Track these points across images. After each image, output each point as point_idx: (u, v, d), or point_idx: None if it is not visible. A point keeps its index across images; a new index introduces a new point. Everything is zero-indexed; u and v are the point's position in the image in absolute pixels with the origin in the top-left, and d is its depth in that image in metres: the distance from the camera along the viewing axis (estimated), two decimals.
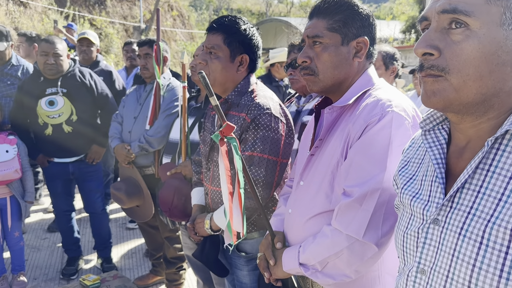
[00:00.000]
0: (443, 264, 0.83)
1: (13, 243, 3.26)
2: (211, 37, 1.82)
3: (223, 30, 1.81)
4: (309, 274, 1.32)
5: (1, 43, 3.69)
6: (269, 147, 1.75)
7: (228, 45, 1.81)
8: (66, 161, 3.33)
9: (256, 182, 1.75)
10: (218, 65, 1.81)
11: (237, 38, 1.81)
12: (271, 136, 1.75)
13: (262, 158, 1.75)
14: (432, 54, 0.81)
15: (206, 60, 1.82)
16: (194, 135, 2.58)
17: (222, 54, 1.81)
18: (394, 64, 2.90)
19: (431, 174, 0.92)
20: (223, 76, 1.83)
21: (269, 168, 1.76)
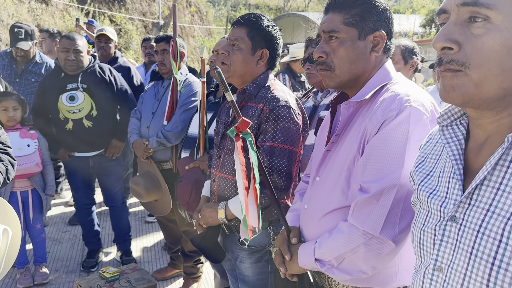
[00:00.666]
0: (461, 262, 0.82)
1: (35, 235, 3.35)
2: (236, 30, 1.90)
3: (248, 24, 1.89)
4: (325, 270, 1.32)
5: (25, 42, 3.78)
6: (290, 138, 1.80)
7: (251, 38, 1.88)
8: (87, 155, 3.39)
9: (280, 172, 1.79)
10: (239, 56, 1.87)
11: (260, 32, 1.88)
12: (291, 127, 1.81)
13: (283, 148, 1.80)
14: (452, 48, 0.79)
15: (228, 51, 1.90)
16: (213, 130, 2.60)
17: (244, 46, 1.88)
18: (413, 58, 2.85)
19: (448, 170, 0.90)
20: (243, 68, 1.89)
21: (291, 159, 1.81)
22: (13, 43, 3.80)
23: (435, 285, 0.88)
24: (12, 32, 3.81)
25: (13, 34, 3.80)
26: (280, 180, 1.80)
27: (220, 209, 1.87)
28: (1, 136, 2.13)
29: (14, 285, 3.30)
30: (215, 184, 1.99)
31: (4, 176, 2.00)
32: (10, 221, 2.06)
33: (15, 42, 3.78)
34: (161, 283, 3.33)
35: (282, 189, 1.81)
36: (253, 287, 1.94)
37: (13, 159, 2.12)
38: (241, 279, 1.98)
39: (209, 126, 2.65)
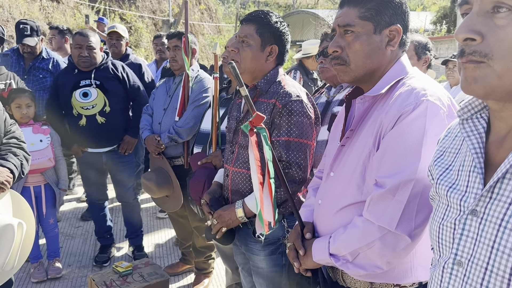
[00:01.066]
0: (482, 256, 0.81)
1: (48, 230, 3.39)
2: (245, 27, 1.92)
3: (257, 21, 1.91)
4: (339, 265, 1.32)
5: (31, 38, 3.81)
6: (304, 132, 1.84)
7: (260, 34, 1.90)
8: (100, 151, 3.42)
9: (299, 165, 1.83)
10: (249, 53, 1.90)
11: (269, 29, 1.91)
12: (305, 121, 1.84)
13: (298, 142, 1.83)
14: (474, 39, 0.78)
15: (238, 48, 1.92)
16: (225, 125, 2.61)
17: (253, 43, 1.90)
18: (427, 54, 2.83)
19: (468, 164, 0.89)
20: (253, 64, 1.92)
21: (306, 152, 1.85)
22: (19, 39, 3.83)
23: (454, 279, 0.87)
24: (18, 29, 3.84)
25: (19, 30, 3.83)
26: (299, 173, 1.83)
27: (238, 208, 1.88)
28: (15, 132, 2.16)
29: (28, 279, 3.34)
30: (229, 179, 1.99)
31: (19, 170, 2.03)
32: (25, 215, 2.10)
33: (21, 38, 3.81)
34: (173, 278, 3.35)
35: (300, 182, 1.84)
36: (267, 280, 1.95)
37: (27, 154, 2.15)
38: (256, 271, 1.99)
39: (221, 122, 2.66)
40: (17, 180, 2.04)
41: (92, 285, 2.58)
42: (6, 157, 1.99)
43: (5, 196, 2.01)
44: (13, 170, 1.98)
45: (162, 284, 2.58)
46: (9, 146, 2.06)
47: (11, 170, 1.97)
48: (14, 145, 2.09)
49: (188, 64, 2.99)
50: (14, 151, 2.05)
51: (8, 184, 1.94)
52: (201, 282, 3.22)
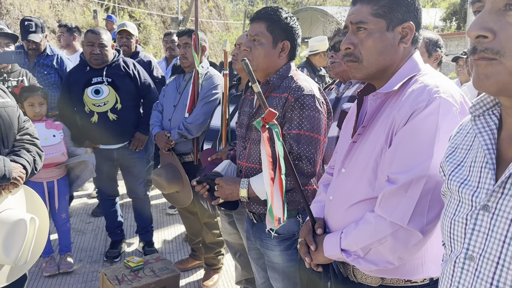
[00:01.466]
0: (493, 251, 0.83)
1: (60, 224, 3.43)
2: (255, 25, 1.93)
3: (266, 18, 1.91)
4: (350, 260, 1.33)
5: (36, 35, 3.84)
6: (315, 126, 1.84)
7: (271, 32, 1.91)
8: (111, 147, 3.46)
9: (309, 159, 1.84)
10: (261, 51, 1.91)
11: (279, 25, 1.91)
12: (316, 116, 1.84)
13: (309, 136, 1.84)
14: (486, 36, 0.79)
15: (250, 47, 1.93)
16: (235, 122, 2.63)
17: (265, 41, 1.91)
18: (438, 51, 2.82)
19: (480, 160, 0.90)
20: (266, 62, 1.92)
21: (316, 146, 1.86)
22: (24, 36, 3.87)
23: (466, 274, 0.89)
24: (23, 26, 3.87)
25: (24, 27, 3.87)
26: (308, 166, 1.84)
27: (242, 188, 1.90)
28: (28, 128, 2.19)
29: (40, 273, 3.40)
30: (242, 175, 2.01)
31: (32, 166, 2.06)
32: (38, 211, 2.13)
33: (26, 35, 3.85)
34: (183, 274, 3.38)
35: (308, 175, 1.86)
36: (282, 275, 1.97)
37: (40, 150, 2.18)
38: (271, 266, 2.01)
39: (231, 118, 2.68)
40: (30, 176, 2.07)
41: (104, 279, 2.61)
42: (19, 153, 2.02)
43: (19, 191, 2.05)
44: (26, 166, 2.01)
45: (173, 279, 2.61)
46: (23, 143, 2.09)
47: (24, 166, 2.00)
48: (27, 141, 2.12)
49: (198, 61, 3.01)
50: (27, 147, 2.09)
51: (21, 180, 1.97)
52: (211, 277, 3.25)
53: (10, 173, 1.88)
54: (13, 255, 1.88)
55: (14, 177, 1.92)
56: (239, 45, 2.73)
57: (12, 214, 1.91)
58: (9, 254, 1.86)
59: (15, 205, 2.02)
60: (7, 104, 2.05)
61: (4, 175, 1.84)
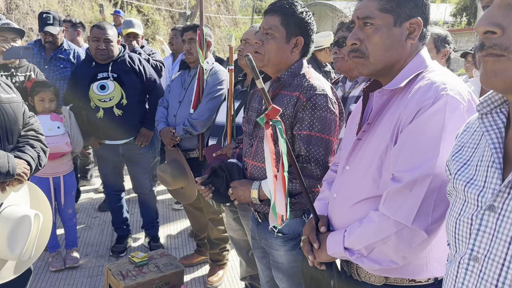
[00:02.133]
0: (499, 252, 0.80)
1: (67, 219, 3.45)
2: (269, 18, 1.86)
3: (281, 11, 1.85)
4: (354, 259, 1.31)
5: (54, 27, 3.86)
6: (327, 127, 1.80)
7: (285, 26, 1.84)
8: (117, 143, 3.47)
9: (317, 161, 1.80)
10: (274, 45, 1.85)
11: (294, 20, 1.84)
12: (328, 116, 1.79)
13: (320, 137, 1.79)
14: (495, 32, 0.77)
15: (262, 40, 1.87)
16: (240, 118, 2.61)
17: (278, 35, 1.85)
18: (446, 47, 2.78)
19: (487, 159, 0.88)
20: (278, 57, 1.87)
21: (327, 148, 1.81)
22: (41, 28, 3.89)
23: (470, 275, 0.87)
24: (41, 18, 3.89)
25: (42, 19, 3.88)
26: (317, 169, 1.80)
27: (254, 189, 1.89)
28: (33, 124, 2.18)
29: (47, 268, 3.42)
30: (247, 173, 1.99)
31: (36, 162, 2.05)
32: (41, 207, 2.13)
33: (43, 26, 3.86)
34: (188, 269, 3.38)
35: (317, 178, 1.81)
36: (287, 275, 1.96)
37: (45, 146, 2.18)
38: (275, 266, 2.00)
39: (236, 114, 2.66)
40: (34, 171, 2.07)
41: (108, 274, 2.62)
42: (23, 149, 2.01)
43: (23, 188, 2.05)
44: (30, 162, 2.00)
45: (177, 274, 2.62)
46: (27, 138, 2.09)
47: (28, 162, 2.00)
48: (32, 137, 2.12)
49: (202, 57, 2.99)
50: (32, 143, 2.08)
51: (25, 176, 1.97)
52: (216, 273, 3.25)
53: (14, 169, 1.88)
54: (17, 250, 1.88)
55: (18, 173, 1.92)
56: (245, 41, 2.71)
57: (16, 210, 1.92)
58: (14, 250, 1.87)
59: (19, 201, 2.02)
60: (12, 99, 2.05)
61: (8, 172, 1.85)
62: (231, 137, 2.61)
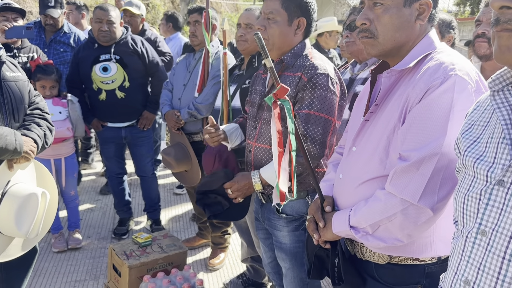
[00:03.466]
0: (507, 225, 0.82)
1: (69, 201, 3.47)
2: (269, 3, 1.85)
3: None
4: (359, 237, 1.33)
5: (55, 10, 3.82)
6: (326, 107, 1.79)
7: (286, 9, 1.83)
8: (119, 126, 3.47)
9: (314, 140, 1.79)
10: (276, 29, 1.84)
11: (294, 1, 1.84)
12: (328, 96, 1.79)
13: (319, 116, 1.79)
14: (510, 7, 0.77)
15: (264, 26, 1.86)
16: (236, 101, 2.62)
17: (280, 18, 1.84)
18: (451, 32, 2.76)
19: (497, 136, 0.89)
20: (281, 41, 1.87)
21: (326, 127, 1.81)
22: (42, 10, 3.84)
23: (477, 248, 0.88)
24: (42, 0, 3.85)
25: (43, 1, 3.82)
26: (314, 148, 1.80)
27: (256, 183, 1.90)
28: (39, 103, 2.18)
29: (49, 249, 3.45)
30: (251, 155, 2.00)
31: (42, 140, 2.06)
32: (48, 185, 2.15)
33: (44, 9, 3.82)
34: (189, 252, 3.41)
35: (315, 157, 1.82)
36: (290, 255, 1.98)
37: (51, 125, 2.18)
38: (278, 246, 2.02)
39: (232, 98, 2.67)
40: (41, 150, 2.07)
41: (112, 254, 2.65)
42: (29, 127, 2.02)
43: (29, 166, 2.06)
44: (37, 140, 2.01)
45: (180, 255, 2.64)
46: (33, 117, 2.09)
47: (34, 140, 2.00)
48: (37, 115, 2.12)
49: (208, 39, 2.98)
50: (38, 121, 2.09)
51: (32, 153, 1.98)
52: (217, 256, 3.28)
53: (21, 146, 1.88)
54: (24, 228, 1.90)
55: (25, 151, 1.93)
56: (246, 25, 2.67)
57: (24, 188, 1.93)
58: (21, 227, 1.88)
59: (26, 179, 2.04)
60: (18, 78, 2.04)
61: (15, 149, 1.85)
62: (227, 121, 2.62)
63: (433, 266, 1.34)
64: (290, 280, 2.04)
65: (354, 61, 2.32)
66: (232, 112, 2.65)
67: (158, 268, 2.56)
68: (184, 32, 7.56)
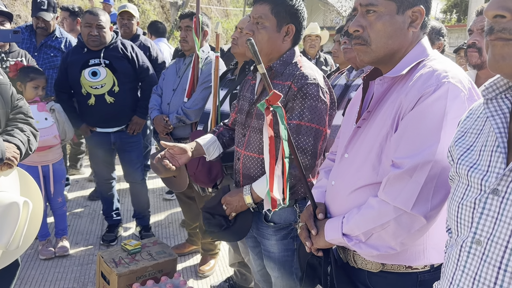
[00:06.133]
0: (502, 235, 0.82)
1: (56, 208, 3.41)
2: (258, 7, 1.83)
3: (271, 0, 1.81)
4: (352, 245, 1.32)
5: (47, 13, 3.77)
6: (317, 117, 1.77)
7: (275, 14, 1.81)
8: (108, 131, 3.43)
9: (305, 151, 1.77)
10: (265, 35, 1.82)
11: (284, 7, 1.81)
12: (319, 106, 1.77)
13: (310, 127, 1.77)
14: (504, 16, 0.77)
15: (252, 31, 1.83)
16: (226, 106, 2.61)
17: (269, 24, 1.82)
18: (441, 39, 2.79)
19: (491, 144, 0.89)
20: (269, 46, 1.84)
21: (317, 137, 1.79)
22: (34, 12, 3.79)
23: (472, 257, 0.88)
24: (35, 2, 3.78)
25: (35, 4, 3.78)
26: (306, 158, 1.78)
27: (246, 195, 1.86)
28: (22, 107, 2.11)
29: (36, 256, 3.39)
30: (240, 163, 1.98)
31: (26, 146, 1.98)
32: (32, 194, 2.05)
33: (37, 11, 3.77)
34: (179, 259, 3.37)
35: (307, 168, 1.80)
36: (279, 264, 1.96)
37: (35, 130, 2.11)
38: (267, 255, 2.00)
39: (222, 102, 2.66)
40: (24, 156, 2.00)
41: (101, 262, 2.61)
42: (12, 133, 1.93)
43: (12, 174, 1.97)
44: (20, 146, 1.93)
45: (170, 262, 2.61)
46: (16, 122, 2.02)
47: (17, 146, 1.93)
48: (21, 120, 2.05)
49: (198, 44, 2.97)
50: (21, 127, 2.01)
51: (15, 160, 1.90)
52: (207, 262, 3.25)
53: (3, 153, 1.82)
54: (4, 239, 1.79)
55: (8, 158, 1.86)
56: (240, 29, 2.69)
57: (4, 196, 1.83)
58: (1, 238, 1.78)
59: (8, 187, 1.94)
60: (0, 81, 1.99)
61: None
62: (215, 124, 2.61)
63: (426, 274, 1.33)
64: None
65: (351, 67, 2.32)
66: (222, 117, 2.64)
67: (147, 276, 2.53)
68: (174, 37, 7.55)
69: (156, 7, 13.39)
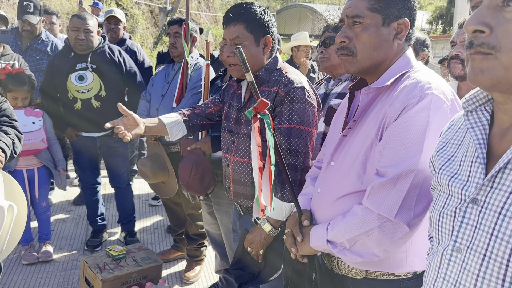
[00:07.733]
0: (481, 243, 0.84)
1: (40, 212, 3.38)
2: (232, 29, 1.87)
3: (243, 19, 1.87)
4: (336, 251, 1.34)
5: (33, 16, 3.75)
6: (306, 119, 1.83)
7: (251, 31, 1.87)
8: (94, 135, 3.41)
9: (298, 152, 1.82)
10: (247, 52, 1.86)
11: (257, 22, 1.88)
12: (306, 108, 1.83)
13: (300, 129, 1.82)
14: (483, 31, 0.80)
15: (233, 53, 1.88)
16: None
17: (247, 42, 1.88)
18: (425, 50, 2.86)
19: (471, 154, 0.92)
20: (253, 61, 1.91)
21: (307, 139, 1.85)
22: (20, 15, 3.76)
23: (453, 265, 0.90)
24: (21, 5, 3.76)
25: (22, 7, 3.75)
26: (299, 160, 1.83)
27: (263, 224, 1.81)
28: (6, 110, 2.09)
29: (19, 261, 3.34)
30: (229, 169, 2.00)
31: (11, 150, 1.97)
32: (17, 199, 2.04)
33: (23, 14, 3.74)
34: (164, 265, 3.35)
35: (302, 169, 1.84)
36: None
37: (19, 133, 2.09)
38: None
39: None
40: (9, 160, 1.98)
41: (85, 267, 2.58)
42: None
43: None
44: (5, 149, 1.91)
45: (155, 269, 2.60)
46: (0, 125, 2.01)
47: (2, 149, 1.91)
48: (5, 123, 2.03)
49: (187, 51, 2.98)
50: (5, 129, 2.00)
51: (0, 163, 1.89)
52: (193, 269, 3.24)
53: None
54: None
55: None
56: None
57: None
58: None
59: None
60: None
61: None
62: (206, 132, 2.62)
63: (408, 281, 1.36)
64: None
65: (328, 76, 2.36)
66: None
67: (132, 282, 2.51)
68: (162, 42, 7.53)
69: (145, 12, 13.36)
